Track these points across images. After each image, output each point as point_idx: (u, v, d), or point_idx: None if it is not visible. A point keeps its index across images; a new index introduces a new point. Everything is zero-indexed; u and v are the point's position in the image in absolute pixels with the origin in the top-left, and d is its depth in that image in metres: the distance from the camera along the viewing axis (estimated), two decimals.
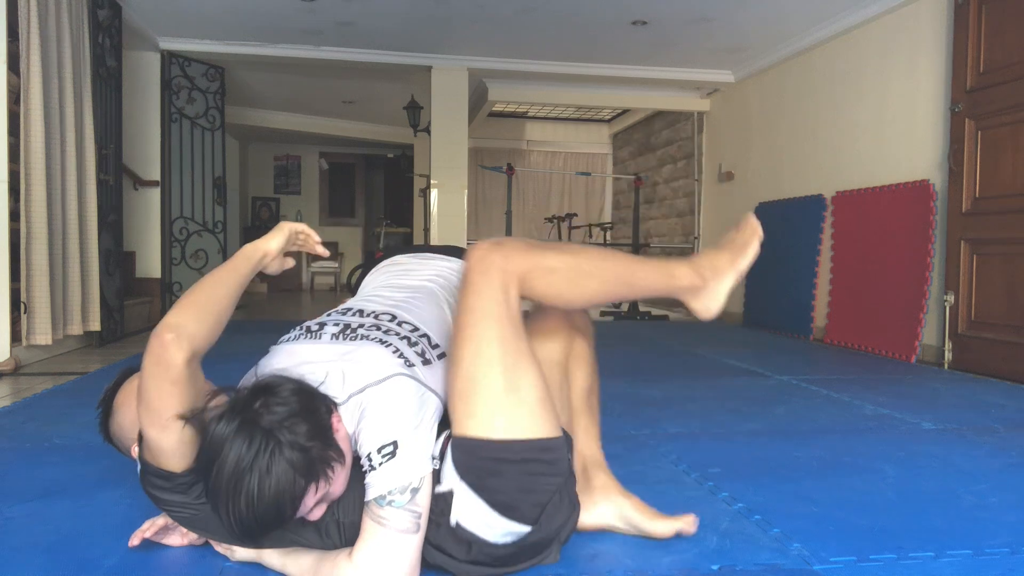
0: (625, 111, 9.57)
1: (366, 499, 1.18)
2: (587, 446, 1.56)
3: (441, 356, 1.35)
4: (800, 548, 1.46)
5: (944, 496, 1.80)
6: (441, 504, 1.22)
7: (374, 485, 1.17)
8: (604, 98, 7.59)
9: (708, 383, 3.33)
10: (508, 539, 1.23)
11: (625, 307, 7.13)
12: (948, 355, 3.98)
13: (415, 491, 1.18)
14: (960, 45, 3.99)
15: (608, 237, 8.83)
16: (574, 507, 1.34)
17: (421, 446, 1.21)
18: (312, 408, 1.15)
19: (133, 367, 1.37)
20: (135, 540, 1.34)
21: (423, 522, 1.19)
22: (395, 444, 1.18)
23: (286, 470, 1.09)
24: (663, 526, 1.45)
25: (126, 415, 1.35)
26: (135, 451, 1.29)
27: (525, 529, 1.23)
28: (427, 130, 6.84)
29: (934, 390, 3.31)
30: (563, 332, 1.49)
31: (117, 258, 4.81)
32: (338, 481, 1.18)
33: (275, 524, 1.13)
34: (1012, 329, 3.64)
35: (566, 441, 1.32)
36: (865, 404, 2.91)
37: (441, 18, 5.29)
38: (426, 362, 1.31)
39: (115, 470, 1.89)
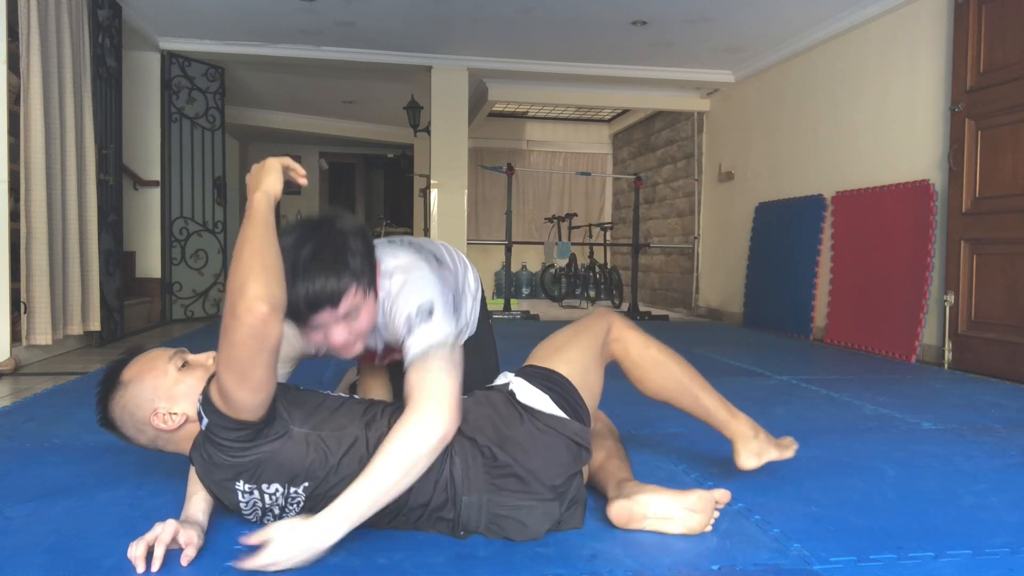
0: (625, 111, 9.57)
1: (408, 362, 1.37)
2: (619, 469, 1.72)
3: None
4: (800, 548, 1.46)
5: (944, 496, 1.80)
6: (501, 390, 1.53)
7: (415, 345, 1.37)
8: (604, 98, 7.60)
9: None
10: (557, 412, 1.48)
11: (625, 307, 7.12)
12: (948, 355, 3.98)
13: (452, 347, 1.38)
14: (960, 45, 3.99)
15: (608, 237, 8.83)
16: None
17: (451, 311, 1.46)
18: (367, 244, 1.46)
19: (140, 345, 1.44)
20: (139, 550, 1.30)
21: (460, 372, 1.38)
22: (432, 304, 1.41)
23: (339, 251, 1.38)
24: (695, 497, 1.50)
25: (142, 388, 1.36)
26: (160, 420, 1.34)
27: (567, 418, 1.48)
28: (427, 130, 6.84)
29: (934, 390, 3.31)
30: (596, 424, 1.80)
31: (117, 258, 4.81)
32: (364, 316, 1.43)
33: (324, 298, 1.36)
34: (1012, 329, 3.64)
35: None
36: (865, 404, 2.91)
37: (441, 18, 5.30)
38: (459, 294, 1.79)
39: (115, 470, 1.89)
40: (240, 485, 1.35)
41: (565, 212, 9.54)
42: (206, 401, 1.32)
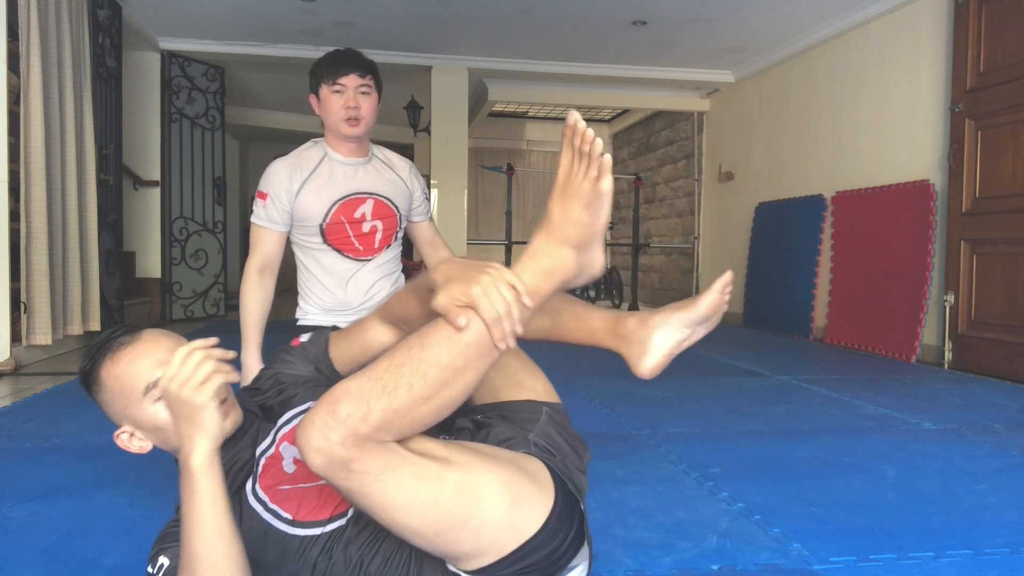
0: (625, 111, 9.57)
1: (428, 215, 2.33)
2: (594, 319, 1.42)
3: None
4: (800, 548, 1.46)
5: (944, 496, 1.80)
6: None
7: (428, 203, 2.32)
8: (604, 98, 7.59)
9: (708, 383, 3.33)
10: None
11: (625, 307, 7.12)
12: (948, 355, 3.98)
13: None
14: (960, 45, 3.99)
15: (608, 237, 8.83)
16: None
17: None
18: None
19: (134, 327, 1.20)
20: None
21: None
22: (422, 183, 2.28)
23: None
24: (705, 299, 1.33)
25: (113, 400, 1.15)
26: (123, 442, 1.19)
27: None
28: (427, 130, 6.84)
29: (934, 390, 3.31)
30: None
31: (117, 258, 4.81)
32: (371, 101, 2.10)
33: (364, 62, 2.07)
34: (1012, 329, 3.64)
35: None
36: (865, 404, 2.91)
37: (441, 18, 5.29)
38: None
39: (115, 470, 1.89)
40: None
41: None
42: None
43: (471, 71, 6.51)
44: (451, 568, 1.08)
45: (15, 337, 3.65)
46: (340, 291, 2.10)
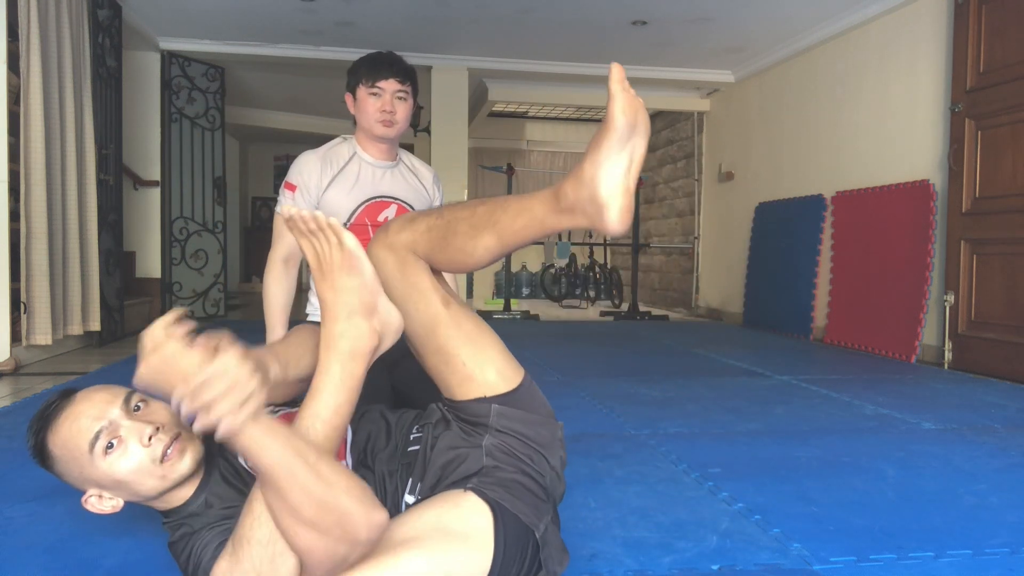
0: None
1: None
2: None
3: None
4: (800, 548, 1.46)
5: (944, 496, 1.80)
6: None
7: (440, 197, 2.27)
8: (604, 98, 7.55)
9: (708, 383, 3.33)
10: None
11: (625, 307, 7.13)
12: (948, 355, 3.98)
13: None
14: (960, 45, 3.99)
15: (608, 237, 8.82)
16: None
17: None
18: None
19: (70, 392, 1.18)
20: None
21: None
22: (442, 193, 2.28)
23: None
24: (614, 107, 1.14)
25: (68, 468, 1.14)
26: (93, 506, 1.17)
27: None
28: (427, 130, 6.84)
29: (934, 390, 3.31)
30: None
31: (117, 258, 4.81)
32: (407, 107, 2.12)
33: (406, 68, 2.09)
34: (1012, 329, 3.64)
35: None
36: (865, 404, 2.91)
37: (441, 18, 5.29)
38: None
39: None
40: None
41: None
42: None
43: (471, 71, 6.51)
44: None
45: (15, 337, 3.65)
46: None
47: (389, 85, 2.07)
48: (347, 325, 1.11)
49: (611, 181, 1.09)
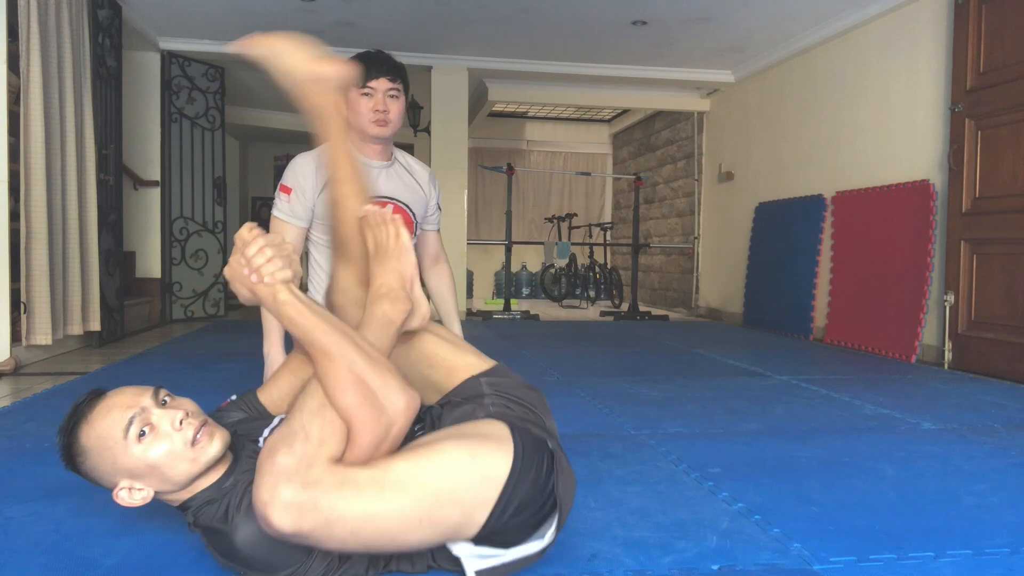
0: (625, 111, 9.57)
1: (437, 226, 2.37)
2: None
3: None
4: (800, 548, 1.46)
5: (944, 496, 1.80)
6: None
7: (439, 213, 2.37)
8: (604, 98, 7.60)
9: (708, 383, 3.33)
10: None
11: (625, 307, 7.12)
12: (948, 355, 3.98)
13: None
14: (960, 45, 3.99)
15: (608, 237, 8.83)
16: None
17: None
18: None
19: (100, 390, 1.22)
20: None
21: None
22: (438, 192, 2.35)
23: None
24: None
25: (101, 460, 1.17)
26: (122, 500, 1.20)
27: None
28: (427, 130, 6.84)
29: (934, 390, 3.31)
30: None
31: (117, 258, 4.81)
32: (399, 105, 2.12)
33: (397, 67, 2.11)
34: (1012, 329, 3.64)
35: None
36: (865, 404, 2.91)
37: (441, 18, 5.30)
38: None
39: None
40: None
41: (565, 212, 9.54)
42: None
43: (471, 71, 6.51)
44: (454, 551, 1.19)
45: (15, 337, 3.65)
46: None
47: (380, 84, 2.06)
48: (389, 291, 1.31)
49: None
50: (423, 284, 1.65)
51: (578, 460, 2.02)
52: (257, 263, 1.11)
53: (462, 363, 1.38)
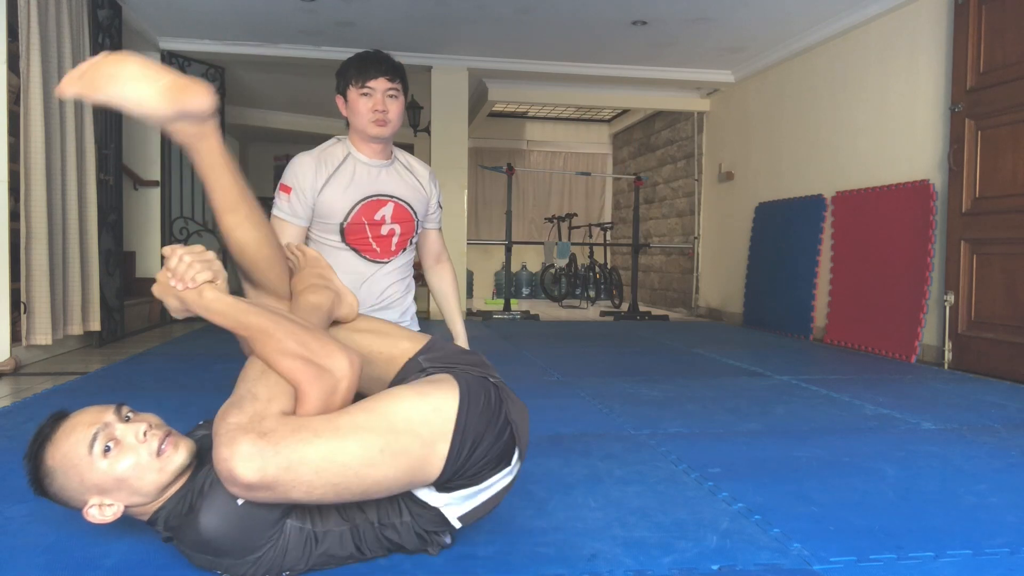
0: (625, 111, 9.57)
1: (439, 224, 2.32)
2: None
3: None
4: (800, 548, 1.46)
5: (944, 496, 1.80)
6: None
7: (440, 211, 2.31)
8: (604, 98, 7.60)
9: (708, 383, 3.33)
10: None
11: (625, 307, 7.12)
12: (948, 355, 3.98)
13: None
14: (960, 45, 3.99)
15: (608, 237, 8.83)
16: None
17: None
18: None
19: (62, 412, 1.24)
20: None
21: None
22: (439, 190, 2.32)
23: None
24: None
25: (68, 480, 1.18)
26: (93, 518, 1.20)
27: None
28: (427, 130, 6.84)
29: (934, 390, 3.31)
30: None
31: (117, 258, 4.81)
32: (399, 105, 2.08)
33: (397, 67, 2.07)
34: (1012, 329, 3.64)
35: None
36: (865, 404, 2.91)
37: (441, 18, 5.29)
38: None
39: None
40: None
41: (565, 212, 9.54)
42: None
43: (471, 71, 6.51)
44: (431, 502, 1.26)
45: (15, 337, 3.65)
46: (354, 291, 2.11)
47: (379, 84, 2.05)
48: (308, 285, 1.45)
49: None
50: (424, 283, 1.67)
51: (578, 460, 2.02)
52: (180, 271, 1.20)
53: (398, 351, 1.43)
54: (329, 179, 2.06)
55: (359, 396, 1.36)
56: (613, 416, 2.64)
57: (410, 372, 1.39)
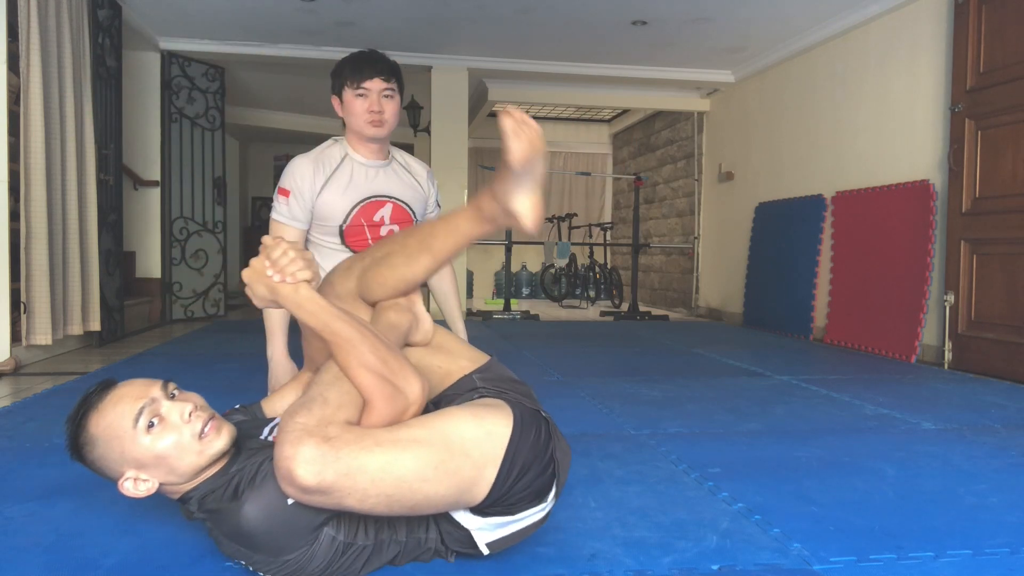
0: (625, 111, 9.57)
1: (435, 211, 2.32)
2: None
3: None
4: (800, 548, 1.46)
5: (944, 496, 1.80)
6: None
7: (439, 210, 2.30)
8: (604, 98, 7.60)
9: (708, 383, 3.33)
10: None
11: (625, 307, 7.12)
12: (948, 355, 3.98)
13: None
14: (960, 45, 3.99)
15: (608, 237, 8.83)
16: None
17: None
18: None
19: (111, 381, 1.23)
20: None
21: None
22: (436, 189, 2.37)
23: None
24: (514, 148, 1.27)
25: (109, 449, 1.18)
26: (127, 490, 1.20)
27: None
28: (427, 130, 6.84)
29: (934, 390, 3.31)
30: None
31: (117, 258, 4.81)
32: (394, 105, 2.09)
33: (392, 67, 2.09)
34: (1012, 329, 3.64)
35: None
36: (865, 404, 2.91)
37: (441, 18, 5.29)
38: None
39: None
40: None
41: (565, 212, 9.54)
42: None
43: (471, 71, 6.51)
44: (464, 523, 1.26)
45: (15, 337, 3.65)
46: None
47: (375, 84, 2.04)
48: (393, 304, 1.42)
49: (520, 196, 1.30)
50: (424, 284, 1.66)
51: (578, 460, 2.02)
52: (282, 264, 1.21)
53: (456, 367, 1.43)
54: (327, 181, 2.05)
55: None
56: (613, 416, 2.64)
57: (463, 388, 1.39)
